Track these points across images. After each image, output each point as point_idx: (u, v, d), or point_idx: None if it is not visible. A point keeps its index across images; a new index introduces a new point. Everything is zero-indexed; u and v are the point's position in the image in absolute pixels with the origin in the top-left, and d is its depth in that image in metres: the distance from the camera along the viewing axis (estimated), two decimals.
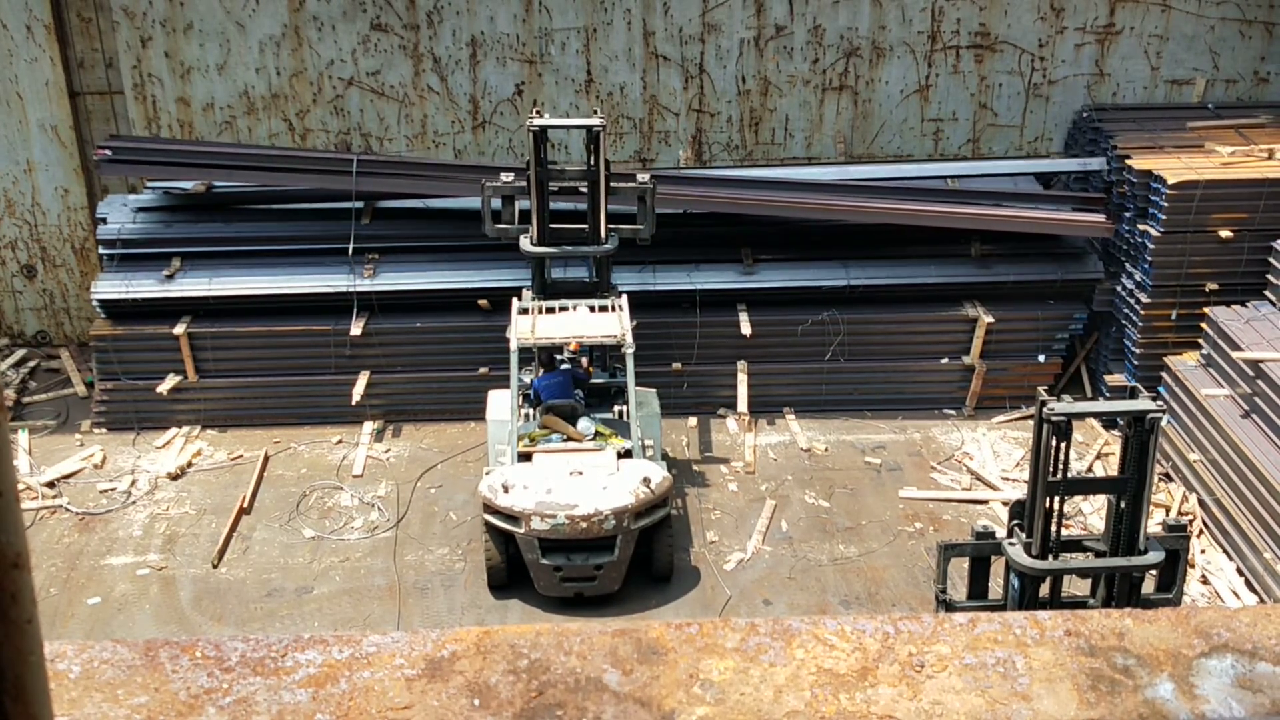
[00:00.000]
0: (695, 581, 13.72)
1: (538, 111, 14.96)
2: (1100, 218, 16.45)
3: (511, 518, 12.71)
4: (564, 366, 14.63)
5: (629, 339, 13.67)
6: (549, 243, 14.89)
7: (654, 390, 14.98)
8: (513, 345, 13.69)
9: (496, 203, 15.10)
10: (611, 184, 14.80)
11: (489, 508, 12.90)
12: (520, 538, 12.76)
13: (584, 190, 14.81)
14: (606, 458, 13.16)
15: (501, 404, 14.33)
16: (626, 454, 13.36)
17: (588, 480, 12.85)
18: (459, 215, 16.79)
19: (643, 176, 15.09)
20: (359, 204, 16.70)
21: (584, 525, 12.57)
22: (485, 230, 15.14)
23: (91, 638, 2.40)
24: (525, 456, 13.30)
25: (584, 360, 14.69)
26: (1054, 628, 2.40)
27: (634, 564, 13.11)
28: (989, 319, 16.58)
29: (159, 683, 2.26)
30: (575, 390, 14.41)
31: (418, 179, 16.59)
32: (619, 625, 2.40)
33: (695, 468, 15.71)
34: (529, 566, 12.94)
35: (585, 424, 13.82)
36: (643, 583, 13.43)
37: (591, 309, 14.26)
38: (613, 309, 14.23)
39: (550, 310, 14.20)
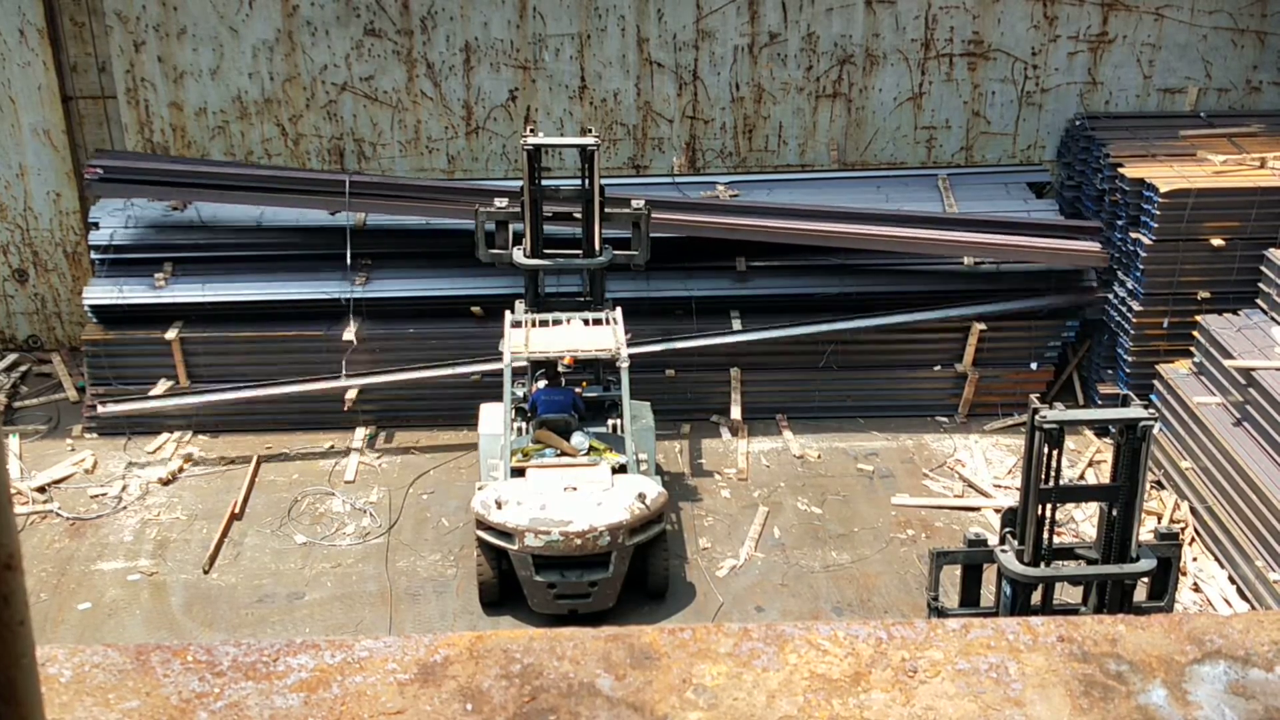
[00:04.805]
0: (688, 588, 13.70)
1: (531, 130, 15.00)
2: (1095, 246, 16.43)
3: (505, 534, 12.60)
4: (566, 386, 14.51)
5: (624, 353, 13.61)
6: (543, 256, 14.90)
7: (648, 403, 14.93)
8: (506, 359, 13.62)
9: (490, 226, 15.12)
10: (606, 210, 14.84)
11: (482, 524, 12.77)
12: (514, 554, 12.64)
13: (578, 216, 14.88)
14: (601, 473, 13.04)
15: (494, 418, 14.24)
16: (621, 469, 13.27)
17: (582, 496, 12.72)
18: (451, 229, 16.75)
19: (637, 203, 15.13)
20: (350, 222, 16.65)
21: (579, 542, 12.47)
22: (479, 255, 15.17)
23: (82, 643, 2.38)
24: (518, 471, 13.20)
25: (578, 389, 14.53)
26: (1047, 633, 2.40)
27: (628, 580, 13.03)
28: (981, 326, 16.59)
29: (150, 687, 2.25)
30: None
31: (411, 201, 16.53)
32: (612, 630, 2.39)
33: (688, 475, 15.71)
34: (522, 583, 12.82)
35: (579, 438, 13.68)
36: (636, 598, 13.39)
37: (585, 322, 14.20)
38: (607, 322, 14.17)
39: (544, 324, 14.13)
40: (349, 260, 16.38)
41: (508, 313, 14.40)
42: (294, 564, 14.07)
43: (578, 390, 14.39)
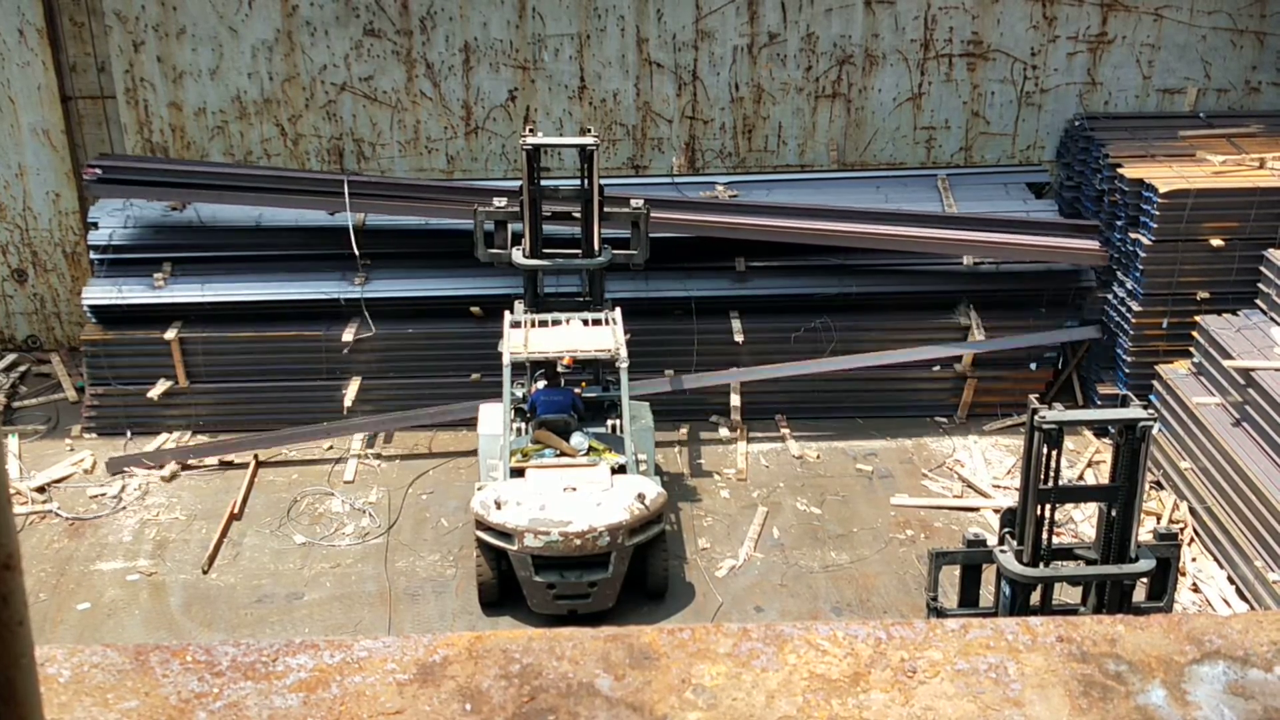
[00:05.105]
0: (687, 588, 13.70)
1: (530, 129, 15.01)
2: (1094, 245, 16.43)
3: (504, 534, 12.59)
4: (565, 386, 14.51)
5: (623, 353, 13.61)
6: (542, 256, 14.91)
7: (647, 403, 14.93)
8: (505, 359, 13.62)
9: (489, 226, 15.12)
10: (605, 209, 14.85)
11: (481, 524, 12.76)
12: (513, 555, 12.63)
13: (577, 216, 14.89)
14: (600, 473, 13.03)
15: (493, 418, 14.24)
16: (620, 469, 13.26)
17: (582, 496, 12.71)
18: (450, 230, 16.75)
19: (636, 202, 15.13)
20: (350, 223, 16.63)
21: (578, 542, 12.46)
22: (477, 255, 15.17)
23: (81, 643, 2.38)
24: (518, 472, 13.19)
25: (577, 390, 14.53)
26: (1046, 634, 2.40)
27: (628, 580, 13.02)
28: (980, 336, 16.61)
29: (149, 687, 2.25)
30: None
31: (409, 201, 16.53)
32: (611, 631, 2.39)
33: (687, 475, 15.71)
34: (522, 584, 12.81)
35: (579, 439, 13.67)
36: (636, 598, 13.38)
37: (585, 323, 14.20)
38: (606, 323, 14.18)
39: (543, 324, 14.13)
40: (357, 256, 16.33)
41: (507, 313, 14.40)
42: (293, 564, 14.06)
43: (577, 390, 14.39)
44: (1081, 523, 14.44)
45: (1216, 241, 15.83)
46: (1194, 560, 13.91)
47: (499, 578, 13.03)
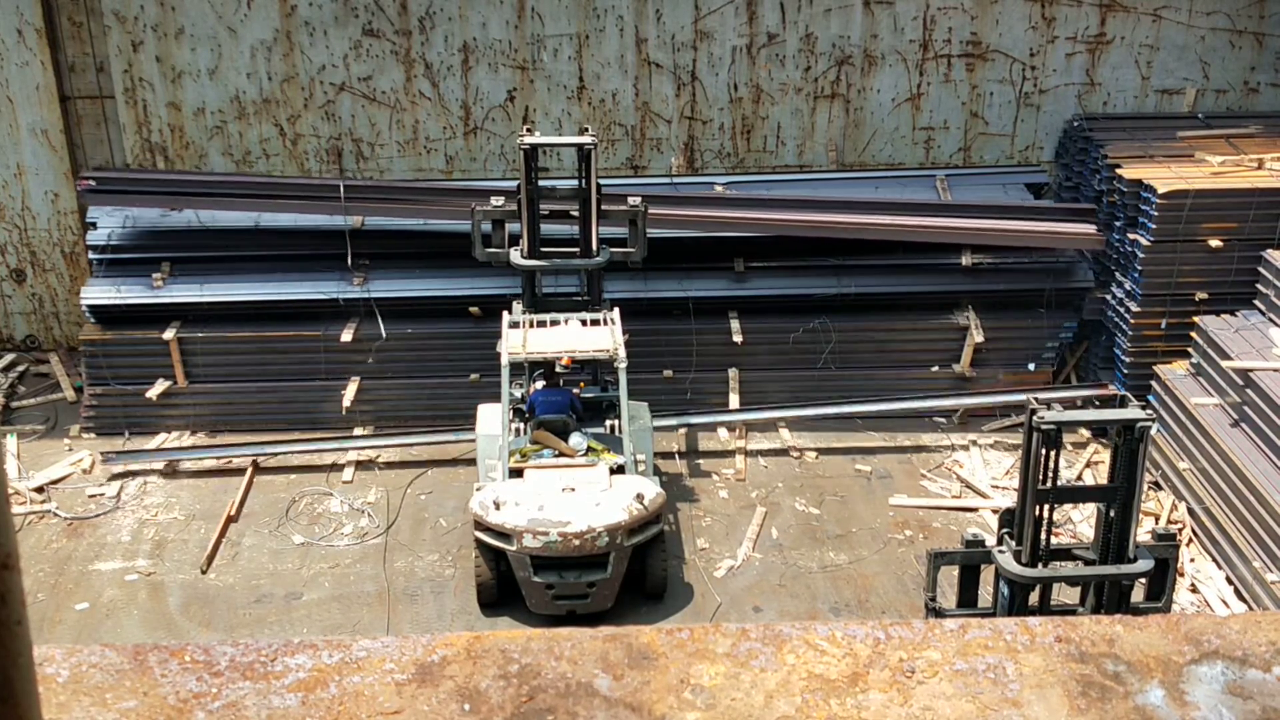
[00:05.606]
0: (686, 589, 13.70)
1: (528, 129, 15.01)
2: (1090, 229, 16.47)
3: (503, 535, 12.59)
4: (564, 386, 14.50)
5: (621, 353, 13.60)
6: (539, 256, 14.91)
7: (645, 404, 14.92)
8: (503, 360, 13.62)
9: (486, 226, 15.11)
10: (602, 206, 14.85)
11: (480, 525, 12.76)
12: (512, 555, 12.63)
13: (575, 214, 14.88)
14: (599, 473, 13.03)
15: (492, 418, 14.24)
16: (619, 469, 13.27)
17: (580, 496, 12.70)
18: (449, 230, 16.75)
19: (634, 200, 15.13)
20: (348, 224, 16.62)
21: (577, 543, 12.46)
22: (475, 255, 15.17)
23: (80, 643, 2.38)
24: (516, 472, 13.19)
25: (575, 390, 14.52)
26: (1044, 634, 2.40)
27: (626, 580, 13.01)
28: (979, 338, 16.60)
29: (148, 687, 2.25)
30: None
31: (407, 203, 16.52)
32: (610, 631, 2.39)
33: (686, 475, 15.71)
34: (520, 584, 12.81)
35: (577, 439, 13.66)
36: (634, 598, 13.38)
37: (583, 323, 14.20)
38: (604, 323, 14.17)
39: (541, 324, 14.13)
40: (349, 261, 16.35)
41: (505, 313, 14.39)
42: (292, 564, 14.06)
43: (575, 391, 14.39)
44: (1080, 523, 14.44)
45: (1215, 242, 15.84)
46: (1192, 561, 13.92)
47: (498, 578, 13.02)
